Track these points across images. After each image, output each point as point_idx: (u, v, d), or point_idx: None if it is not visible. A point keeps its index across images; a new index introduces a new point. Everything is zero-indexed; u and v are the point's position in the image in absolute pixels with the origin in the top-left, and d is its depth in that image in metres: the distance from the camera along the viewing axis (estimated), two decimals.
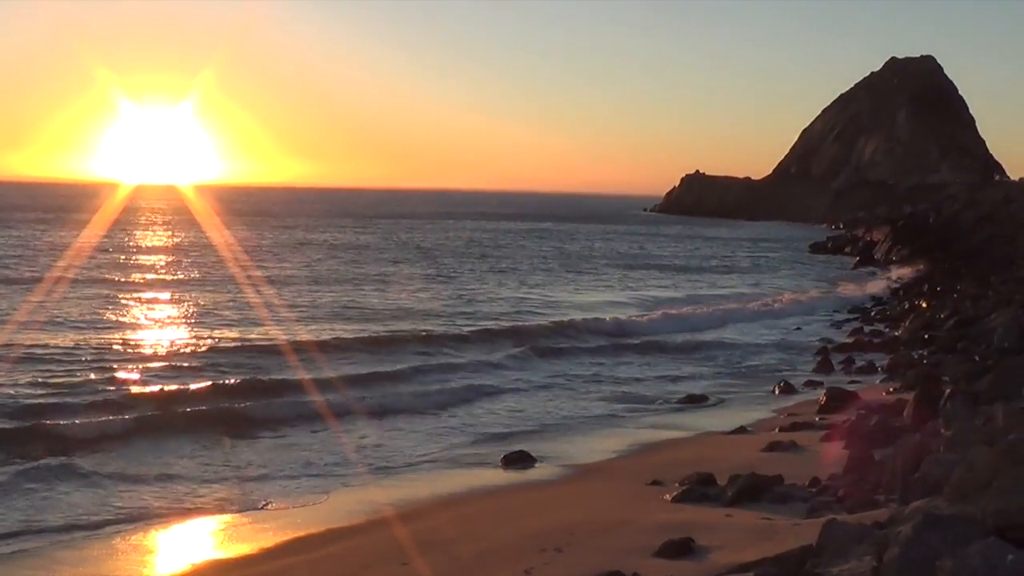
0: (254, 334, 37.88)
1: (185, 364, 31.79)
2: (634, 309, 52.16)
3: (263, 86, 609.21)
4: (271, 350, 34.04)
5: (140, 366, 31.04)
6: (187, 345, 35.56)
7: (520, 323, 44.03)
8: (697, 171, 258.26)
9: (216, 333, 38.20)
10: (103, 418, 23.80)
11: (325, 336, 37.50)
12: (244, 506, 18.21)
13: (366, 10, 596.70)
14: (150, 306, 46.58)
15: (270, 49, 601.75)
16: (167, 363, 31.96)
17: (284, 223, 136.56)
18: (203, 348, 34.71)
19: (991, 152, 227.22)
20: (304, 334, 37.53)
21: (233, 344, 35.54)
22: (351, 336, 37.97)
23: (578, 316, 46.90)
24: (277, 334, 37.24)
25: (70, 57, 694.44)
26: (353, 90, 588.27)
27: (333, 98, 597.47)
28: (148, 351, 34.27)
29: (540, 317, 46.62)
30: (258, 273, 60.04)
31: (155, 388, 27.58)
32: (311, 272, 64.74)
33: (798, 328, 47.68)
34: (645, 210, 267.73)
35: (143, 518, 17.29)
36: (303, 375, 29.59)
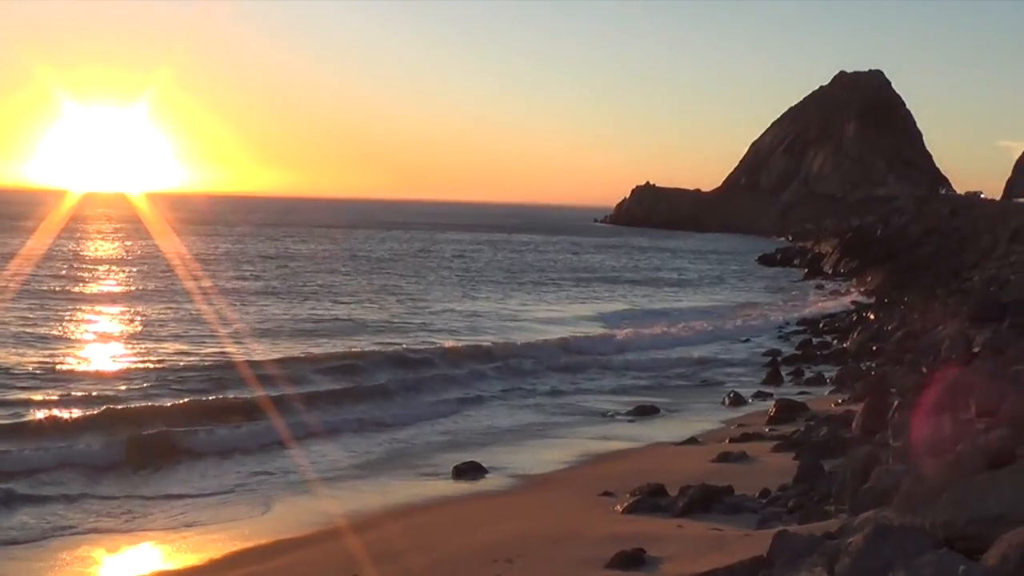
0: (196, 350, 36.73)
1: (126, 382, 30.55)
2: (587, 323, 52.07)
3: (232, 87, 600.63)
4: (215, 367, 33.03)
5: (78, 385, 29.60)
6: (129, 361, 34.60)
7: (472, 337, 43.71)
8: (647, 183, 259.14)
9: (155, 347, 37.10)
10: (38, 447, 22.40)
11: (272, 353, 36.53)
12: (188, 521, 18.06)
13: (348, 10, 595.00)
14: (89, 320, 45.02)
15: (240, 46, 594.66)
16: (107, 381, 30.68)
17: (244, 233, 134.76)
18: (143, 364, 33.61)
19: (937, 166, 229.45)
20: (249, 350, 36.67)
21: (174, 360, 34.38)
22: (298, 352, 37.12)
23: (530, 330, 46.87)
24: (220, 350, 36.42)
25: (3, 49, 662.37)
26: (333, 95, 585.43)
27: (311, 102, 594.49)
28: (86, 367, 33.06)
29: (491, 332, 46.21)
30: (205, 284, 59.00)
31: (94, 410, 26.01)
32: (262, 285, 63.47)
33: (747, 340, 47.89)
34: (596, 221, 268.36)
35: (86, 535, 17.11)
36: (253, 392, 29.12)
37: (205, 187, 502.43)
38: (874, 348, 41.09)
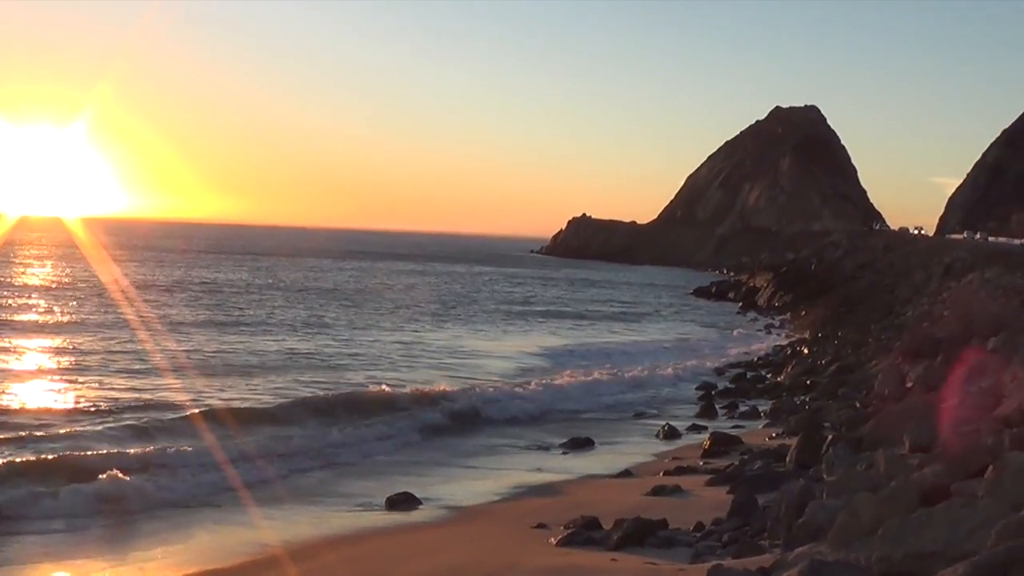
0: (117, 383, 35.25)
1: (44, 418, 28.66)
2: (525, 358, 51.16)
3: (179, 108, 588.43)
4: (135, 406, 30.93)
5: None
6: (50, 395, 33.01)
7: (408, 374, 42.12)
8: (584, 214, 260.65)
9: (74, 381, 35.34)
10: None
11: (195, 387, 34.86)
12: (121, 549, 17.78)
13: (298, 35, 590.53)
14: (10, 351, 42.79)
15: (187, 65, 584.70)
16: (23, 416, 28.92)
17: (186, 261, 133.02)
18: (61, 400, 31.86)
19: (872, 201, 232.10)
20: (172, 387, 34.70)
21: (93, 395, 32.61)
22: (226, 387, 35.59)
23: (468, 366, 45.92)
24: (143, 384, 35.04)
25: None
26: (282, 121, 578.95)
27: (260, 127, 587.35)
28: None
29: (428, 367, 44.83)
30: (136, 314, 57.15)
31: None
32: (194, 315, 61.62)
33: (682, 373, 47.92)
34: (532, 252, 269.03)
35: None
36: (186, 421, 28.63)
37: (150, 213, 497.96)
38: (808, 382, 41.31)
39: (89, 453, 23.83)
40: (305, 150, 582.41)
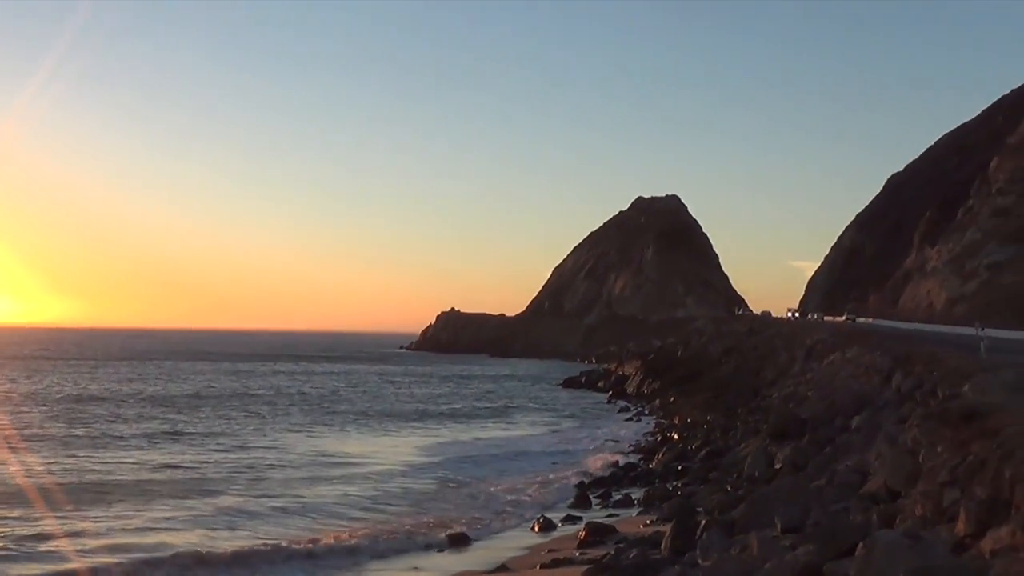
0: None
1: None
2: (402, 460, 49.93)
3: (15, 210, 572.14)
4: None
5: None
6: None
7: (279, 493, 38.61)
8: (452, 308, 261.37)
9: None
10: None
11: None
12: None
13: (139, 133, 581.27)
14: None
15: (21, 164, 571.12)
16: None
17: (22, 368, 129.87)
18: None
19: (734, 287, 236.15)
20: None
21: None
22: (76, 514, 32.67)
23: (338, 476, 43.64)
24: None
25: None
26: (127, 221, 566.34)
27: (102, 228, 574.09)
28: None
29: (299, 478, 42.49)
30: None
31: None
32: (30, 429, 57.31)
33: (555, 464, 47.89)
34: (401, 348, 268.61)
35: None
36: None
37: None
38: (679, 468, 41.61)
39: None
40: (154, 248, 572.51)
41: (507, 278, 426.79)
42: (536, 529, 30.96)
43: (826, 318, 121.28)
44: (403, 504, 36.82)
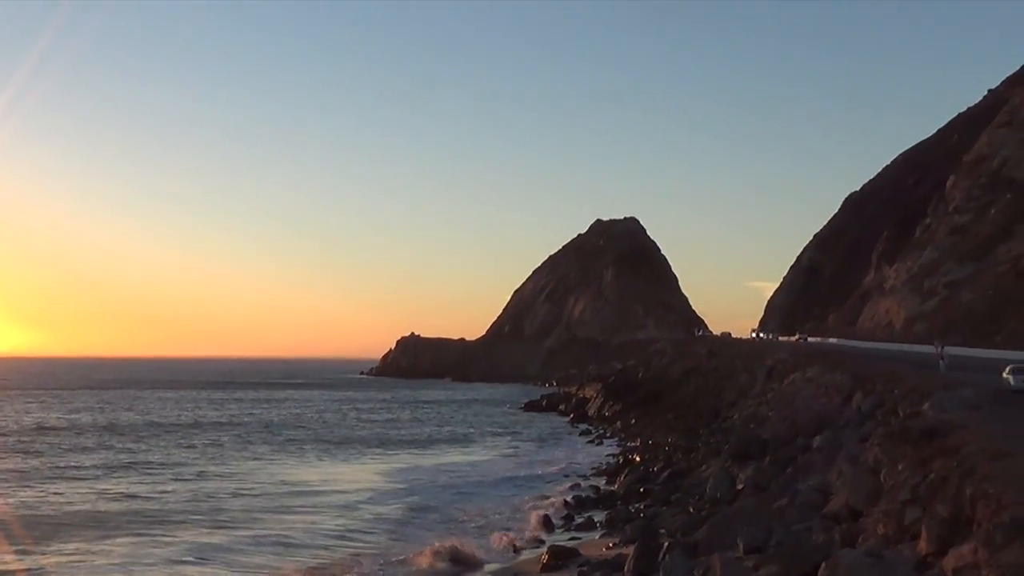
0: None
1: None
2: (360, 492, 49.43)
3: None
4: None
5: None
6: None
7: (244, 527, 37.89)
8: (412, 333, 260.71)
9: None
10: None
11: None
12: None
13: (95, 165, 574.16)
14: None
15: None
16: None
17: None
18: None
19: (693, 308, 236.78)
20: None
21: None
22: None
23: (301, 508, 43.23)
24: None
25: None
26: (86, 250, 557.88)
27: (61, 257, 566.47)
28: None
29: (262, 507, 42.18)
30: None
31: None
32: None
33: (518, 488, 47.77)
34: (362, 373, 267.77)
35: None
36: None
37: None
38: (642, 489, 41.59)
39: None
40: (114, 277, 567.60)
41: (467, 302, 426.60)
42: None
43: (780, 338, 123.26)
44: (375, 532, 36.47)
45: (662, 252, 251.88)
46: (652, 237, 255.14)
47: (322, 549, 32.91)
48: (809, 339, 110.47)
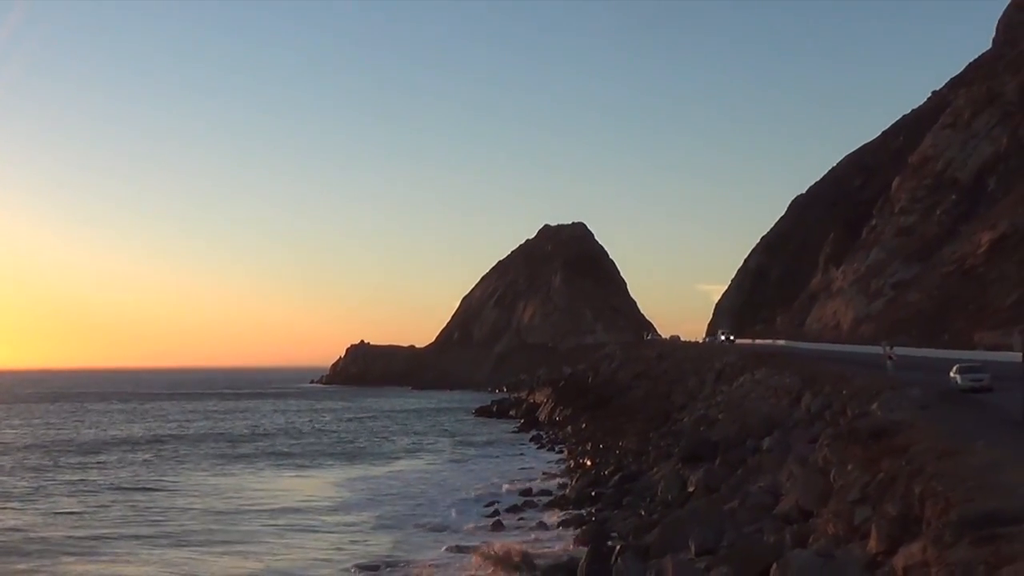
0: None
1: None
2: (312, 502, 49.02)
3: None
4: None
5: None
6: None
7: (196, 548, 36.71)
8: (362, 341, 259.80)
9: None
10: None
11: None
12: None
13: (54, 174, 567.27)
14: None
15: None
16: None
17: None
18: None
19: (642, 312, 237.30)
20: None
21: None
22: None
23: (255, 523, 42.00)
24: None
25: None
26: (39, 260, 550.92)
27: (15, 268, 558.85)
28: None
29: (212, 524, 41.30)
30: None
31: None
32: None
33: (470, 492, 47.76)
34: (312, 382, 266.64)
35: None
36: None
37: None
38: (593, 493, 41.62)
39: None
40: (59, 287, 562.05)
41: (416, 309, 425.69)
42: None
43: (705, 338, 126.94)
44: (331, 540, 36.08)
45: (610, 256, 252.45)
46: (600, 242, 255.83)
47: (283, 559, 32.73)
48: (733, 339, 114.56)
